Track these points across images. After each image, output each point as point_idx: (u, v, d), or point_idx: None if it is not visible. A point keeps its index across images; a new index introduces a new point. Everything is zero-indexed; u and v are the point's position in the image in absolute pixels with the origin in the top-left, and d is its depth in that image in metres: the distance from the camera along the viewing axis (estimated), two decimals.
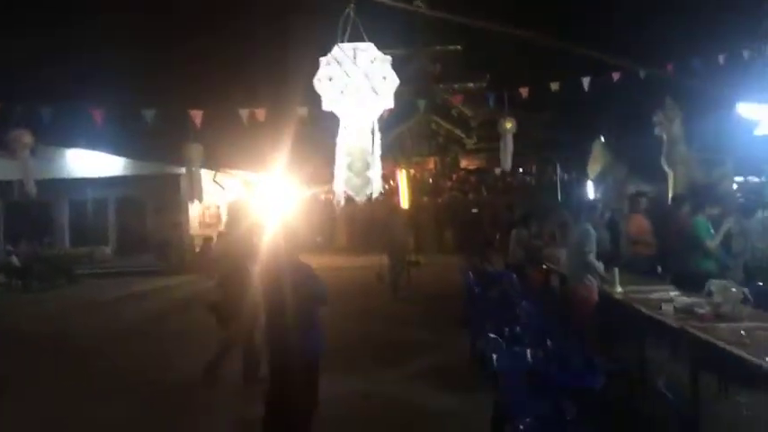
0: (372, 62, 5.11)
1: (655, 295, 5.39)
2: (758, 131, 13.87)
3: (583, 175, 14.15)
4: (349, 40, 5.65)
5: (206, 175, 17.98)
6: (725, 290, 4.25)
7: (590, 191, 13.52)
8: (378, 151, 5.48)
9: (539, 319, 5.37)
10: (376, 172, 5.43)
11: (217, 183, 19.61)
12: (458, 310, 8.76)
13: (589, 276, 5.71)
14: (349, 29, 5.71)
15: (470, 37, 20.79)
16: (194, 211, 18.56)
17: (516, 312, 6.41)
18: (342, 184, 5.41)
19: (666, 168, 12.01)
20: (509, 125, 8.34)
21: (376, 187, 5.48)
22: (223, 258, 6.80)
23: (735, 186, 11.03)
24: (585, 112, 14.81)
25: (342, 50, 5.14)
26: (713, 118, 12.61)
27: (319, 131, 15.86)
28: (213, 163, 17.49)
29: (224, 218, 20.43)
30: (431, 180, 20.97)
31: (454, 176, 21.03)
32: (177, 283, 15.44)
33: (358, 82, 5.05)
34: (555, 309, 6.75)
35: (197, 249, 17.99)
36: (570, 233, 6.31)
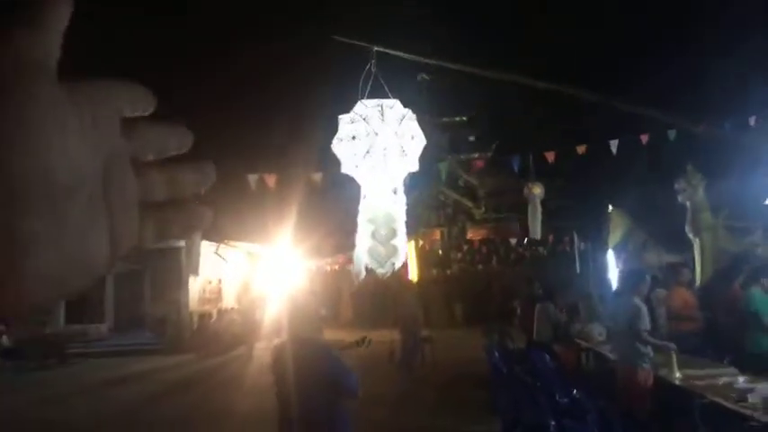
0: (401, 120, 4.64)
1: (722, 381, 4.72)
2: None
3: (601, 245, 13.59)
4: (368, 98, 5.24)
5: (208, 247, 17.44)
6: None
7: (611, 261, 12.90)
8: (403, 217, 4.91)
9: (594, 411, 4.66)
10: (402, 240, 4.84)
11: (219, 255, 19.02)
12: (482, 392, 8.00)
13: (646, 359, 5.03)
14: (369, 86, 5.31)
15: (477, 107, 20.81)
16: (194, 285, 17.87)
17: (557, 399, 5.70)
18: (364, 255, 4.82)
19: (691, 236, 11.48)
20: (537, 190, 7.83)
21: (402, 257, 4.87)
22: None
23: None
24: (601, 178, 14.43)
25: (367, 107, 4.69)
26: (740, 184, 12.21)
27: (325, 200, 15.57)
28: (215, 234, 16.97)
29: (225, 293, 19.74)
30: (440, 251, 20.43)
31: (465, 247, 20.49)
32: (174, 363, 14.56)
33: (386, 141, 4.56)
34: (600, 395, 6.03)
35: (195, 327, 17.21)
36: (614, 308, 5.65)
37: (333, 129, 4.90)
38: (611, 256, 12.91)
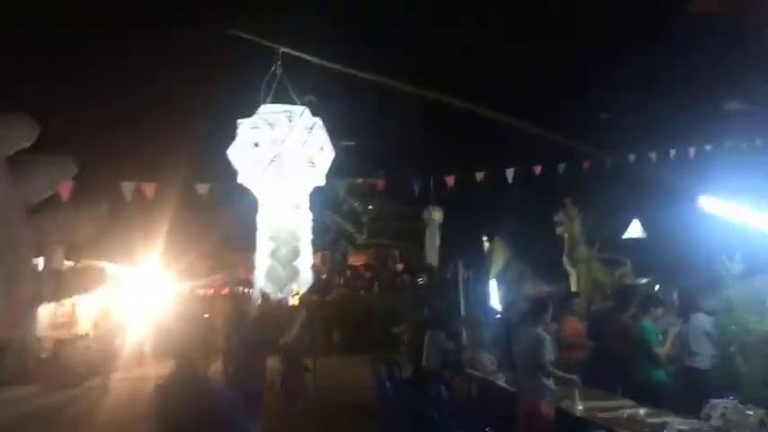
0: (310, 129, 4.22)
1: (625, 413, 4.68)
2: (626, 234, 14.57)
3: (484, 274, 13.81)
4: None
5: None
6: (737, 412, 3.55)
7: (493, 290, 13.11)
8: (308, 235, 4.45)
9: None
10: (306, 262, 4.37)
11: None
12: (368, 422, 7.63)
13: (549, 390, 4.90)
14: (272, 89, 4.82)
15: (364, 133, 20.74)
16: (44, 308, 15.87)
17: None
18: (263, 277, 4.28)
19: (568, 268, 12.01)
20: (437, 215, 7.66)
21: (305, 279, 4.39)
22: None
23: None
24: (485, 208, 14.74)
25: (273, 112, 4.21)
26: (610, 219, 13.01)
27: (205, 214, 14.48)
28: (73, 251, 15.25)
29: (80, 317, 17.77)
30: (323, 276, 19.91)
31: (348, 273, 20.16)
32: (15, 396, 12.72)
33: (293, 150, 4.11)
34: (495, 426, 5.86)
35: (43, 355, 15.28)
36: (517, 338, 5.50)
37: (228, 134, 4.36)
38: (493, 285, 13.13)
